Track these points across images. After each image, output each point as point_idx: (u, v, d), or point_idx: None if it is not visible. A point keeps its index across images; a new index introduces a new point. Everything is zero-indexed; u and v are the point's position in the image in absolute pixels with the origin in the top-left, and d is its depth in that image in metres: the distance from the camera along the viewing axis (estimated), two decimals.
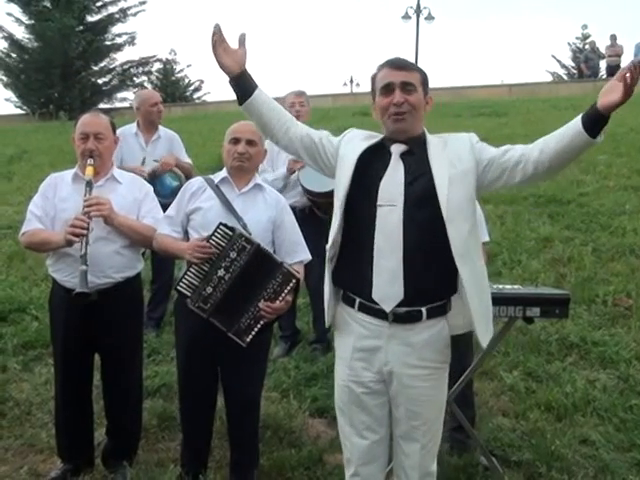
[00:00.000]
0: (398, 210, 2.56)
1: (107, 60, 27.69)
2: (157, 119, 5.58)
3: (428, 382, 2.64)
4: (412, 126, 2.67)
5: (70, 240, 3.33)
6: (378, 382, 2.69)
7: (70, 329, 3.55)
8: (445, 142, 2.68)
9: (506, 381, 4.68)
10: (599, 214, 7.72)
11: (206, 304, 3.27)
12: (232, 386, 3.46)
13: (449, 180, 2.57)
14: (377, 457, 2.76)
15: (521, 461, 3.76)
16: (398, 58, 2.73)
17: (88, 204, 3.38)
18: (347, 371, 2.72)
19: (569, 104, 15.71)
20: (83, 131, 3.54)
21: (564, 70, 34.11)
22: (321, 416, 4.37)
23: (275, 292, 3.24)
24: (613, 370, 4.75)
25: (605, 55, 22.50)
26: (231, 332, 3.27)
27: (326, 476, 3.66)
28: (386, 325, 2.62)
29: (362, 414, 2.72)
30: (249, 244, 3.25)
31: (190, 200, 3.47)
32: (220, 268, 3.25)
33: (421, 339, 2.62)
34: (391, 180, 2.61)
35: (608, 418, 4.18)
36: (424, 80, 2.71)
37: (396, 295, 2.57)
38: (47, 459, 3.90)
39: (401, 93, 2.63)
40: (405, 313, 2.60)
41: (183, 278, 3.29)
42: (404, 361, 2.62)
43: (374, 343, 2.65)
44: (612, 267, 6.41)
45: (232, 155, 3.45)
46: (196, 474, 3.49)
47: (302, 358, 5.05)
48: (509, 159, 2.62)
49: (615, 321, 5.45)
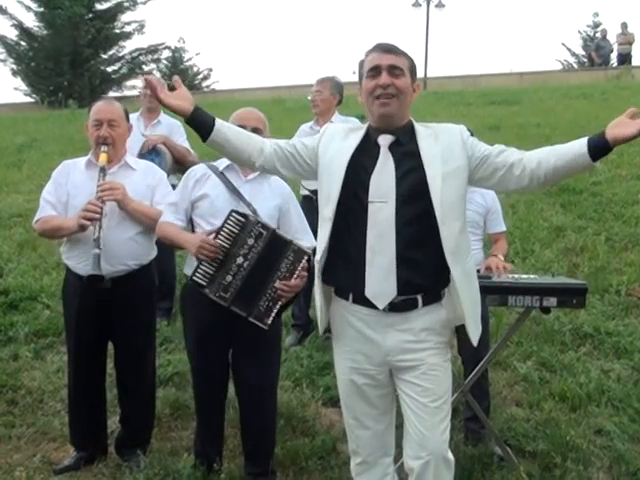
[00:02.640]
0: (390, 207, 2.55)
1: (116, 48, 27.61)
2: (149, 103, 5.50)
3: (432, 358, 2.61)
4: (398, 112, 2.63)
5: (83, 224, 3.33)
6: (381, 372, 2.68)
7: (84, 316, 3.55)
8: (436, 134, 2.64)
9: (520, 371, 4.66)
10: (612, 203, 7.66)
11: (227, 293, 3.24)
12: (248, 373, 3.43)
13: (442, 177, 2.54)
14: (382, 446, 2.78)
15: (536, 451, 3.74)
16: (386, 43, 2.70)
17: (101, 189, 3.39)
18: (349, 364, 2.72)
19: (580, 93, 15.62)
20: (97, 118, 3.53)
21: (574, 58, 33.90)
22: (334, 405, 4.33)
23: (289, 270, 3.22)
24: (627, 360, 4.72)
25: (617, 43, 22.33)
26: (252, 317, 3.24)
27: (340, 465, 3.64)
28: (382, 315, 2.60)
29: (365, 406, 2.72)
30: (265, 230, 3.23)
31: (195, 187, 3.41)
32: (238, 256, 3.22)
33: (419, 325, 2.60)
34: (381, 175, 2.58)
35: (623, 408, 4.16)
36: (412, 66, 2.68)
37: (389, 292, 2.56)
38: (60, 447, 3.91)
39: (388, 76, 2.60)
40: (401, 302, 2.59)
41: (198, 268, 3.25)
42: (404, 347, 2.61)
43: (373, 334, 2.63)
44: (625, 257, 6.37)
45: None
46: (210, 463, 3.48)
47: (314, 347, 5.03)
48: (503, 160, 2.59)
49: (629, 311, 5.42)
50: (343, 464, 3.67)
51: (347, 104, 6.04)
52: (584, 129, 11.08)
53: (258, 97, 19.76)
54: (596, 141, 2.44)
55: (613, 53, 23.04)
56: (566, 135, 10.88)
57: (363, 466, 2.78)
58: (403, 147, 2.62)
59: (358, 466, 2.80)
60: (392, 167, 2.59)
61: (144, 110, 5.55)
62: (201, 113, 2.62)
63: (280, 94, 19.62)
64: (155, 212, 3.54)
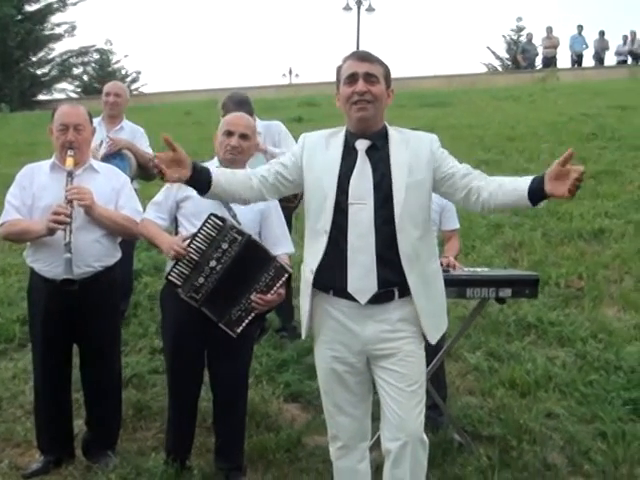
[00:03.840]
0: (369, 208, 2.71)
1: (46, 50, 27.24)
2: (111, 110, 5.48)
3: (408, 346, 2.75)
4: (374, 117, 2.79)
5: (52, 228, 3.34)
6: (360, 361, 2.82)
7: (50, 319, 3.56)
8: (407, 141, 2.81)
9: (470, 362, 4.85)
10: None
11: (198, 294, 3.31)
12: (223, 372, 3.52)
13: (405, 188, 2.72)
14: (361, 431, 2.91)
15: (492, 436, 3.92)
16: (364, 51, 2.89)
17: (70, 193, 3.40)
18: (330, 353, 2.84)
19: (508, 95, 16.14)
20: (63, 122, 3.55)
21: (499, 62, 34.86)
22: (295, 401, 4.47)
23: (267, 285, 3.28)
24: (570, 348, 4.97)
25: (542, 46, 23.11)
26: (222, 323, 3.32)
27: (307, 457, 3.77)
28: (360, 307, 2.74)
29: (345, 393, 2.85)
30: (240, 235, 3.29)
31: (180, 188, 3.45)
32: (212, 259, 3.29)
33: (395, 316, 2.75)
34: (360, 179, 2.74)
35: (569, 393, 4.40)
36: (387, 74, 2.83)
37: (370, 288, 2.71)
38: (25, 452, 3.88)
39: (364, 83, 2.75)
40: (379, 294, 2.73)
41: (174, 268, 3.31)
42: (382, 337, 2.75)
43: (352, 325, 2.77)
44: (562, 251, 6.67)
45: (225, 147, 3.49)
46: (182, 460, 3.54)
47: (271, 345, 5.11)
48: (465, 184, 2.77)
49: (569, 302, 5.70)
50: (310, 455, 3.80)
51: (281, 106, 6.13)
52: (514, 129, 11.55)
53: (192, 99, 19.70)
54: (535, 190, 2.61)
55: (538, 56, 23.87)
56: (498, 135, 11.36)
57: (343, 450, 2.90)
58: (379, 152, 2.79)
59: (338, 450, 2.92)
60: (369, 171, 2.75)
61: (105, 116, 5.48)
62: (198, 173, 2.73)
63: (215, 96, 19.56)
64: (120, 217, 3.59)
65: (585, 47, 23.09)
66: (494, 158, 9.71)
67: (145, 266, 6.20)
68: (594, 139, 10.46)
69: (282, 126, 5.30)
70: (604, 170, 8.84)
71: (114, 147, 5.12)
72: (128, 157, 5.11)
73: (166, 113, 16.48)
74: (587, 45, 23.15)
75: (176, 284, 3.30)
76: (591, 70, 22.08)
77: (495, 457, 3.67)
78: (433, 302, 2.81)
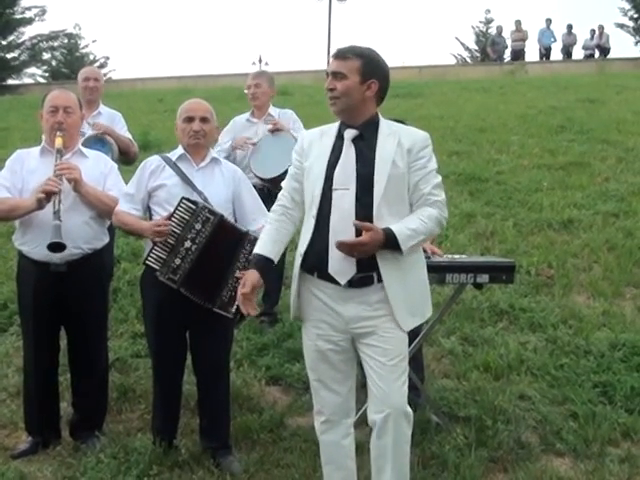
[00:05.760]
0: (351, 193, 2.85)
1: (16, 34, 26.71)
2: (90, 94, 5.48)
3: (387, 324, 2.87)
4: (346, 110, 2.92)
5: (41, 199, 3.40)
6: (343, 340, 2.95)
7: (39, 301, 3.62)
8: (397, 134, 2.92)
9: (445, 346, 5.00)
10: (516, 191, 8.16)
11: (175, 275, 3.40)
12: (205, 351, 3.61)
13: (387, 178, 2.84)
14: (344, 407, 3.03)
15: (468, 416, 4.06)
16: (343, 47, 2.98)
17: (59, 167, 3.48)
18: (315, 331, 2.97)
19: (479, 86, 16.33)
20: (53, 104, 3.62)
21: (468, 53, 35.11)
22: (276, 384, 4.58)
23: (248, 260, 3.38)
24: (541, 333, 5.14)
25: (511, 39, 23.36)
26: (216, 307, 3.43)
27: (290, 437, 3.88)
28: (342, 290, 2.88)
29: (330, 370, 2.98)
30: (212, 215, 3.41)
31: (150, 178, 3.57)
32: (186, 240, 3.40)
33: (375, 297, 2.88)
34: (344, 166, 2.88)
35: (541, 376, 4.56)
36: (363, 67, 2.90)
37: (349, 270, 2.85)
38: (11, 434, 3.95)
39: (332, 80, 2.92)
40: (359, 279, 2.87)
41: (151, 252, 3.41)
42: (362, 316, 2.88)
43: (335, 305, 2.91)
44: (532, 240, 6.84)
45: (188, 133, 3.58)
46: (170, 440, 3.63)
47: (251, 330, 5.20)
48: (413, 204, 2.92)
49: (539, 289, 5.86)
50: (292, 435, 3.92)
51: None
52: (484, 121, 11.73)
53: (163, 86, 19.59)
54: None
55: (507, 49, 24.12)
56: (469, 127, 11.53)
57: (327, 424, 3.03)
58: (364, 141, 2.91)
59: (322, 424, 3.04)
60: (353, 158, 2.88)
61: (83, 102, 5.47)
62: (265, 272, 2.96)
63: (186, 83, 19.51)
64: (107, 197, 3.65)
65: (553, 41, 23.38)
66: (465, 149, 9.87)
67: (124, 252, 6.24)
68: (563, 132, 10.67)
69: (294, 114, 5.55)
70: (573, 162, 9.04)
71: (97, 130, 5.12)
72: (110, 143, 5.13)
73: (138, 100, 16.37)
74: (555, 39, 23.44)
75: (154, 268, 3.39)
76: (559, 64, 22.40)
77: (471, 436, 3.81)
78: (408, 289, 2.91)
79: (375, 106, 2.96)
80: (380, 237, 2.75)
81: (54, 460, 3.64)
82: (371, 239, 2.73)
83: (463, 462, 3.57)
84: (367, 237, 2.73)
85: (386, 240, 2.76)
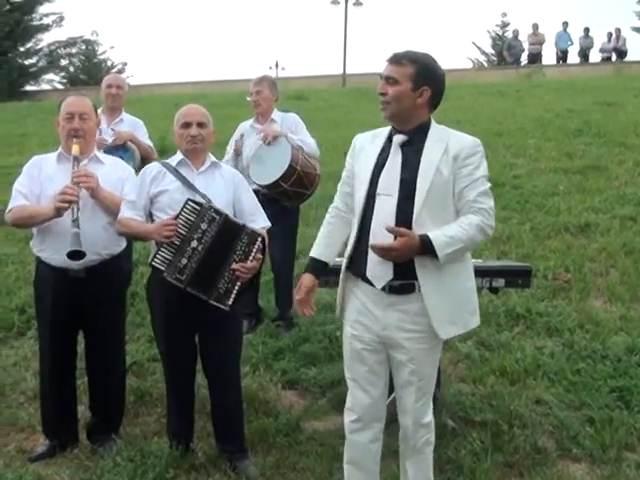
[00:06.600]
0: (392, 200, 2.85)
1: (34, 41, 27.09)
2: (113, 102, 5.55)
3: (422, 344, 2.90)
4: (396, 116, 2.90)
5: (60, 207, 3.44)
6: (377, 343, 2.97)
7: (57, 306, 3.65)
8: (445, 140, 2.88)
9: (461, 350, 4.98)
10: (533, 195, 8.14)
11: (182, 275, 3.43)
12: (215, 354, 3.63)
13: (430, 185, 2.81)
14: (375, 410, 3.05)
15: (484, 421, 4.05)
16: (399, 52, 2.92)
17: (77, 175, 3.50)
18: (351, 330, 3.02)
19: (495, 90, 16.31)
20: (69, 111, 3.64)
21: (484, 57, 35.08)
22: (292, 388, 4.59)
23: (244, 253, 3.45)
24: (558, 338, 5.11)
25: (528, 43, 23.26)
26: (212, 299, 3.44)
27: (306, 441, 3.89)
28: (384, 295, 2.89)
29: (363, 368, 3.01)
30: (218, 215, 3.45)
31: (152, 184, 3.59)
32: (192, 240, 3.43)
33: (415, 307, 2.88)
34: (389, 171, 2.89)
35: (558, 381, 4.53)
36: (417, 74, 2.85)
37: (386, 275, 2.86)
38: (29, 437, 3.99)
39: (384, 84, 2.89)
40: (399, 286, 2.87)
41: (157, 254, 3.44)
42: (399, 326, 2.89)
43: (374, 309, 2.93)
44: (549, 244, 6.82)
45: (185, 139, 3.61)
46: (187, 443, 3.65)
47: (267, 334, 5.22)
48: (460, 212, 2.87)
49: (556, 294, 5.84)
50: (308, 439, 3.93)
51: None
52: (501, 125, 11.70)
53: (179, 92, 19.70)
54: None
55: (524, 52, 24.03)
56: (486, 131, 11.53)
57: (357, 424, 3.05)
58: (413, 147, 2.89)
59: (352, 423, 3.06)
60: (399, 164, 2.88)
61: (106, 108, 5.52)
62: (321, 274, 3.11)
63: (203, 89, 19.60)
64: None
65: (570, 44, 23.28)
66: None
67: (141, 256, 6.28)
68: (580, 135, 10.63)
69: (298, 118, 5.52)
70: (590, 165, 9.01)
71: (119, 141, 5.20)
72: (132, 149, 5.20)
73: (155, 105, 16.46)
74: (572, 42, 23.35)
75: (160, 269, 3.42)
76: (576, 67, 22.29)
77: (487, 441, 3.80)
78: (447, 298, 2.88)
79: (427, 113, 2.93)
80: (415, 243, 2.72)
81: (71, 463, 3.68)
82: (403, 245, 2.71)
83: (479, 467, 3.57)
84: (398, 242, 2.71)
85: (422, 246, 2.73)
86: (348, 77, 23.62)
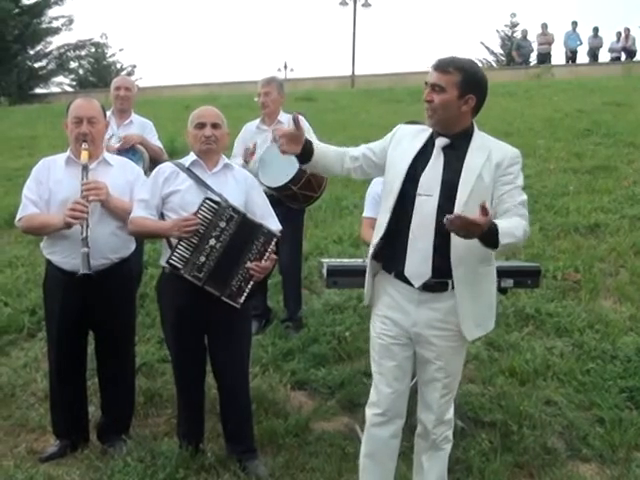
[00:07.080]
0: (433, 200, 2.88)
1: (43, 44, 27.19)
2: (122, 104, 5.58)
3: (451, 342, 2.96)
4: (441, 122, 2.92)
5: (69, 223, 3.45)
6: (406, 338, 3.01)
7: (67, 308, 3.66)
8: (487, 148, 2.92)
9: (470, 351, 4.95)
10: (542, 195, 8.11)
11: (200, 272, 3.44)
12: (224, 355, 3.64)
13: (470, 190, 2.85)
14: (398, 406, 3.08)
15: (494, 421, 4.05)
16: (444, 59, 2.94)
17: (86, 188, 3.50)
18: (380, 325, 3.05)
19: (505, 90, 16.21)
20: (77, 115, 3.65)
21: (493, 57, 35.01)
22: (301, 388, 4.60)
23: (259, 252, 3.48)
24: (568, 338, 5.11)
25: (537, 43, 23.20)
26: (224, 296, 3.46)
27: (316, 441, 3.90)
28: (417, 292, 2.94)
29: (391, 363, 3.03)
30: (236, 213, 3.47)
31: (164, 184, 3.60)
32: (211, 238, 3.45)
33: (447, 306, 2.93)
34: (431, 172, 2.91)
35: (568, 381, 4.53)
36: (463, 82, 2.87)
37: (425, 274, 2.90)
38: (39, 438, 4.01)
39: (430, 92, 2.91)
40: (434, 284, 2.91)
41: (174, 252, 3.44)
42: (430, 324, 2.94)
43: (406, 305, 2.97)
44: (559, 244, 6.80)
45: (200, 139, 3.62)
46: (197, 444, 3.66)
47: (277, 335, 5.23)
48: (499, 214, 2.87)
49: (566, 294, 5.83)
50: (318, 440, 3.94)
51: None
52: (510, 125, 11.66)
53: (189, 94, 19.76)
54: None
55: (533, 53, 23.97)
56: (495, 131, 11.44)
57: (380, 418, 3.07)
58: (455, 151, 2.92)
59: (375, 417, 3.08)
60: (441, 166, 2.91)
61: (115, 110, 5.55)
62: (305, 150, 3.01)
63: (212, 91, 19.65)
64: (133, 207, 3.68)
65: (579, 44, 23.20)
66: None
67: (150, 258, 6.30)
68: (589, 135, 10.60)
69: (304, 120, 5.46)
70: (599, 165, 8.98)
71: (127, 145, 5.22)
72: (141, 151, 5.22)
73: (165, 107, 16.51)
74: (581, 42, 23.26)
75: (177, 267, 3.43)
76: (585, 67, 22.21)
77: (497, 441, 3.81)
78: (477, 300, 2.94)
79: (470, 118, 2.96)
80: (488, 224, 2.65)
81: (82, 463, 3.70)
82: (485, 223, 2.61)
83: (488, 467, 3.58)
84: (484, 219, 2.61)
85: (488, 230, 2.66)
86: (357, 78, 23.63)
